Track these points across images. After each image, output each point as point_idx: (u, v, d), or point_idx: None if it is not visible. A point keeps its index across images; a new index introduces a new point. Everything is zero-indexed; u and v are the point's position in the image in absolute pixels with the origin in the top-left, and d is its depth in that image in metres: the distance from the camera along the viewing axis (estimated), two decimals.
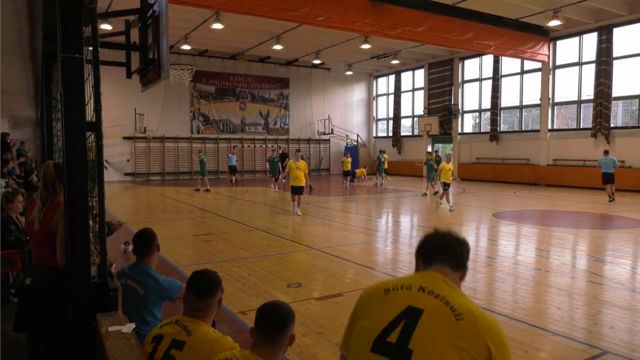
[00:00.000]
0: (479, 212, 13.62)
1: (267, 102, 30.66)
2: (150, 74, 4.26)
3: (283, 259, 7.59)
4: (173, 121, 27.39)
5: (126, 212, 13.56)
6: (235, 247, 8.51)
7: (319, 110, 32.24)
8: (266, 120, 30.67)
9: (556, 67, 22.80)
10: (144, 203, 16.56)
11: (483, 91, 26.45)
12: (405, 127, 32.76)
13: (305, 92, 31.77)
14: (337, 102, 33.27)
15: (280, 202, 16.15)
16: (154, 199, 18.04)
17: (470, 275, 6.70)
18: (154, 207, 15.20)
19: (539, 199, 17.10)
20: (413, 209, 14.96)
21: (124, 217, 12.08)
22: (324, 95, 32.48)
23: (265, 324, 2.17)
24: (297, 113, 31.69)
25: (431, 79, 29.06)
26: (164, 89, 26.31)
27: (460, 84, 27.57)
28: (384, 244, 9.21)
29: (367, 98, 34.53)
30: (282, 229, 10.61)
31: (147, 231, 3.46)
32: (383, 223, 12.19)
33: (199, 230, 10.53)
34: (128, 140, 26.30)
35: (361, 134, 33.69)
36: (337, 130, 32.22)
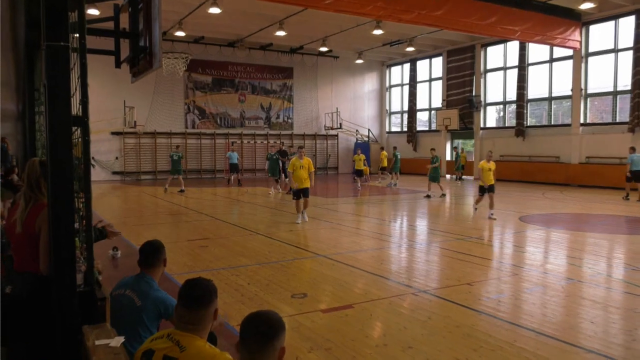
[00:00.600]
0: (503, 216, 13.55)
1: (269, 94, 30.72)
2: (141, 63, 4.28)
3: (287, 267, 7.59)
4: (166, 115, 27.51)
5: (114, 214, 13.64)
6: (234, 254, 8.53)
7: (326, 103, 32.25)
8: (268, 113, 30.73)
9: (589, 55, 22.64)
10: (134, 205, 16.63)
11: (508, 81, 26.32)
12: (422, 121, 32.66)
13: (310, 83, 31.80)
14: (346, 94, 33.25)
15: (284, 204, 16.16)
16: (144, 200, 18.11)
17: (494, 285, 6.67)
18: (144, 209, 15.26)
19: (570, 200, 16.99)
20: (430, 211, 14.90)
21: (112, 220, 12.14)
22: (331, 86, 32.49)
23: (251, 336, 2.14)
24: (301, 106, 31.72)
25: (450, 68, 28.96)
26: (155, 80, 26.43)
27: (483, 73, 27.45)
28: (398, 250, 9.19)
29: (379, 89, 34.49)
30: (286, 233, 10.63)
31: (155, 242, 3.50)
32: (397, 227, 12.16)
33: (194, 235, 10.56)
34: (116, 136, 26.44)
35: (373, 128, 33.67)
36: (346, 125, 32.22)
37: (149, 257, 3.43)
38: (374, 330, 5.10)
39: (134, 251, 8.52)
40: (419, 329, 5.05)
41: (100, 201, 16.71)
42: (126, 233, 10.46)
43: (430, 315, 5.45)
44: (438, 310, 5.60)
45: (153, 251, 3.45)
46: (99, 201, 16.52)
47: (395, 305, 5.82)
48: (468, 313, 5.52)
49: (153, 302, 3.22)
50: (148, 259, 3.43)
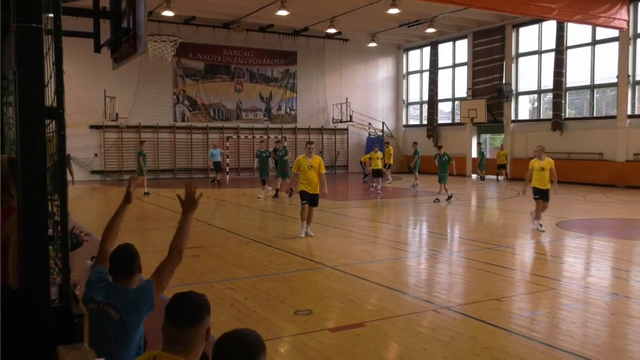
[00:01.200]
0: None
1: (270, 82, 30.78)
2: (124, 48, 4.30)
3: (289, 280, 7.60)
4: (152, 106, 27.63)
5: (93, 219, 13.70)
6: (229, 264, 8.54)
7: (335, 92, 32.27)
8: (268, 104, 30.80)
9: (638, 36, 22.49)
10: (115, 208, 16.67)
11: (543, 67, 26.21)
12: (444, 113, 32.60)
13: (317, 70, 31.83)
14: (358, 82, 33.26)
15: (286, 208, 16.16)
16: None
17: (527, 301, 6.64)
18: (128, 214, 15.26)
19: (615, 204, 16.88)
20: (453, 216, 14.85)
21: (90, 227, 12.20)
22: (340, 73, 32.50)
23: None
24: (306, 96, 31.76)
25: (476, 52, 28.89)
26: (140, 67, 26.54)
27: (514, 58, 27.35)
28: (417, 261, 9.17)
29: (395, 76, 34.47)
30: (288, 241, 10.64)
31: (127, 247, 3.48)
32: (415, 234, 12.13)
33: None
34: (96, 130, 26.59)
35: (388, 121, 33.66)
36: (358, 117, 32.22)
37: (122, 265, 3.42)
38: (389, 352, 5.09)
39: None
40: (441, 351, 5.04)
41: (77, 204, 16.79)
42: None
43: (454, 335, 5.43)
44: (463, 330, 5.58)
45: (126, 259, 3.45)
46: (76, 204, 16.61)
47: (414, 323, 5.81)
48: (497, 333, 5.49)
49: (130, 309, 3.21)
50: (121, 269, 3.41)
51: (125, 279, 3.41)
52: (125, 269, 3.41)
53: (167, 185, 24.37)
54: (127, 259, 3.44)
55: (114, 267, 3.42)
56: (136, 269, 3.47)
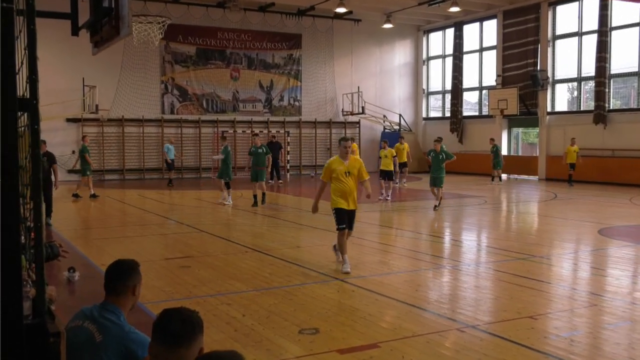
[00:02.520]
0: (577, 228, 13.43)
1: (271, 69, 30.85)
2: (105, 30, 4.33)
3: (293, 294, 7.61)
4: (137, 96, 27.76)
5: (70, 225, 13.77)
6: (225, 276, 8.57)
7: (345, 81, 32.29)
8: (269, 94, 30.87)
9: None
10: (96, 212, 16.76)
11: (584, 51, 26.11)
12: (470, 103, 32.54)
13: (324, 55, 31.87)
14: (371, 69, 33.27)
15: (289, 212, 16.17)
16: (109, 206, 18.24)
17: (565, 319, 6.62)
18: (109, 219, 15.38)
19: None
20: (481, 222, 14.81)
21: (68, 233, 12.27)
22: (351, 58, 32.53)
23: None
24: (313, 84, 31.81)
25: (508, 34, 28.82)
26: (123, 52, 26.66)
27: (551, 40, 27.26)
28: (439, 273, 9.16)
29: (413, 62, 34.46)
30: (292, 250, 10.65)
31: (123, 261, 3.50)
32: (437, 243, 12.12)
33: (174, 252, 10.61)
34: (73, 124, 26.75)
35: (405, 113, 33.66)
36: (371, 109, 32.23)
37: (117, 281, 3.45)
38: None
39: (95, 273, 8.60)
40: None
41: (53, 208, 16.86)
42: (86, 249, 10.56)
43: (481, 358, 5.42)
44: (491, 352, 5.57)
45: (122, 273, 3.46)
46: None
47: (435, 344, 5.80)
48: (531, 356, 5.48)
49: (118, 340, 3.23)
50: (115, 284, 3.44)
51: (115, 295, 3.42)
52: (115, 282, 3.43)
53: (153, 186, 24.45)
54: (119, 273, 3.45)
55: (105, 281, 3.44)
56: (128, 287, 3.47)
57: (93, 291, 7.49)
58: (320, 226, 13.16)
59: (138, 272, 3.54)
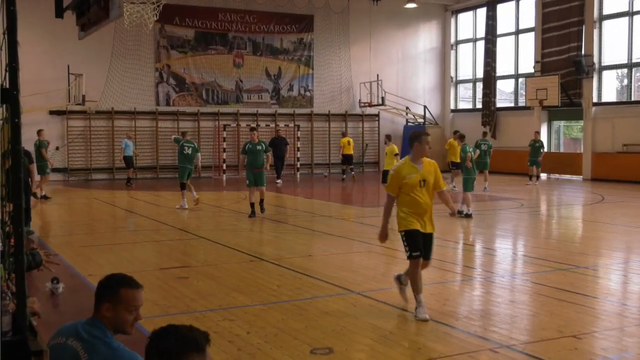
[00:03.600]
0: (628, 235, 13.30)
1: (279, 55, 30.86)
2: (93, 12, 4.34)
3: (304, 309, 7.60)
4: (128, 86, 27.87)
5: (53, 231, 13.84)
6: (228, 288, 8.57)
7: (362, 68, 32.24)
8: (276, 83, 30.89)
9: None
10: (83, 216, 16.82)
11: (635, 33, 25.89)
12: (505, 93, 32.37)
13: (339, 39, 31.84)
14: (392, 55, 33.19)
15: (299, 217, 16.14)
16: (97, 209, 18.30)
17: (614, 339, 6.56)
18: (97, 223, 15.44)
19: None
20: (517, 228, 14.73)
21: (52, 240, 12.33)
22: (369, 42, 32.47)
23: None
24: (326, 72, 31.79)
25: (547, 15, 28.64)
26: (114, 36, 26.77)
27: (597, 21, 27.08)
28: (469, 285, 9.12)
29: (440, 47, 34.32)
30: (303, 259, 10.63)
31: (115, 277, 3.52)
32: (467, 251, 12.07)
33: (169, 261, 10.63)
34: (57, 117, 26.89)
35: (431, 105, 33.56)
36: (392, 100, 32.15)
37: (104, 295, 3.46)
38: None
39: (81, 284, 8.63)
40: None
41: (35, 211, 16.96)
42: (71, 257, 10.60)
43: None
44: None
45: (110, 288, 3.47)
46: (33, 211, 16.78)
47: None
48: None
49: (105, 359, 3.24)
50: (97, 295, 3.45)
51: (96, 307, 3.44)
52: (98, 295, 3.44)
53: (148, 187, 24.55)
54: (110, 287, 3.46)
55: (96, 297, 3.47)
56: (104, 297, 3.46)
57: (79, 305, 7.52)
58: (336, 232, 13.14)
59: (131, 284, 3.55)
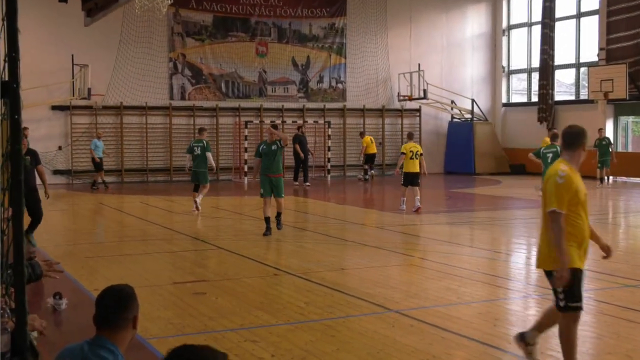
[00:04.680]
0: None
1: (307, 43, 30.90)
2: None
3: (335, 329, 7.59)
4: (139, 78, 28.11)
5: (55, 240, 13.98)
6: (249, 306, 8.58)
7: (401, 57, 32.17)
8: (304, 74, 30.93)
9: None
10: (88, 224, 16.96)
11: None
12: (564, 85, 32.05)
13: (375, 24, 31.79)
14: (435, 42, 33.05)
15: (330, 225, 16.13)
16: (104, 216, 18.45)
17: None
18: (105, 232, 15.56)
19: None
20: None
21: (53, 250, 12.47)
22: (409, 28, 32.36)
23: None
24: (360, 62, 31.76)
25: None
26: (122, 22, 27.03)
27: None
28: (523, 303, 9.04)
29: (490, 33, 34.09)
30: (334, 273, 10.61)
31: (122, 290, 3.55)
32: (521, 265, 11.96)
33: (184, 275, 10.67)
34: (60, 112, 27.21)
35: (480, 98, 33.34)
36: (435, 93, 32.00)
37: (112, 312, 3.48)
38: None
39: (86, 300, 8.70)
40: None
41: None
42: (75, 270, 10.69)
43: None
44: None
45: (117, 303, 3.50)
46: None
47: None
48: None
49: None
50: (109, 316, 3.48)
51: (110, 329, 3.46)
52: (113, 314, 3.46)
53: (159, 191, 24.71)
54: (117, 302, 3.49)
55: (97, 314, 3.48)
56: (128, 320, 3.51)
57: (84, 323, 7.57)
58: (371, 243, 13.10)
59: (137, 299, 3.58)
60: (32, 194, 12.12)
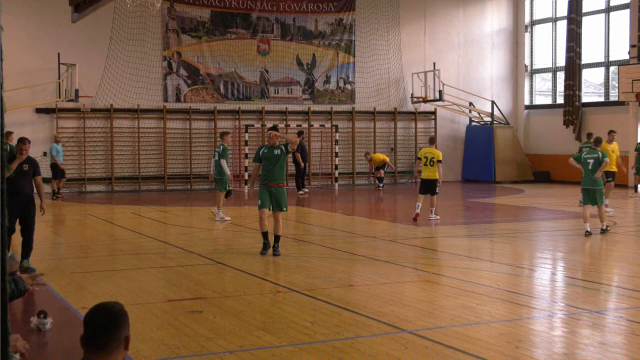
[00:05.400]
0: None
1: (312, 40, 30.95)
2: None
3: (343, 351, 7.58)
4: (130, 79, 28.18)
5: (40, 254, 13.98)
6: (250, 325, 8.57)
7: (415, 55, 32.21)
8: (310, 74, 30.96)
9: None
10: (75, 237, 16.96)
11: None
12: (592, 85, 32.00)
13: (387, 19, 31.85)
14: (452, 39, 33.09)
15: (337, 237, 16.11)
16: (93, 228, 18.45)
17: None
18: (93, 245, 15.56)
19: None
20: (607, 252, 14.51)
21: (35, 265, 12.48)
22: (424, 24, 32.41)
23: None
24: (370, 60, 31.78)
25: None
26: (113, 18, 27.09)
27: None
28: (548, 323, 9.01)
29: (511, 28, 34.09)
30: (342, 290, 10.61)
31: (112, 309, 3.55)
32: (545, 281, 11.94)
33: (180, 292, 10.67)
34: (46, 115, 27.29)
35: (500, 100, 33.33)
36: (452, 94, 32.00)
37: (101, 332, 3.49)
38: None
39: (73, 319, 8.70)
40: None
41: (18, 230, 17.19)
42: (62, 287, 10.70)
43: None
44: None
45: (107, 323, 3.50)
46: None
47: None
48: None
49: None
50: (98, 336, 3.48)
51: (101, 352, 3.46)
52: (104, 335, 3.47)
53: (153, 201, 24.72)
54: (108, 322, 3.49)
55: (86, 334, 3.49)
56: (120, 340, 3.52)
57: (70, 344, 7.58)
58: (382, 257, 13.08)
59: (128, 318, 3.58)
60: (28, 207, 11.87)
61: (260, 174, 13.82)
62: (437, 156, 18.18)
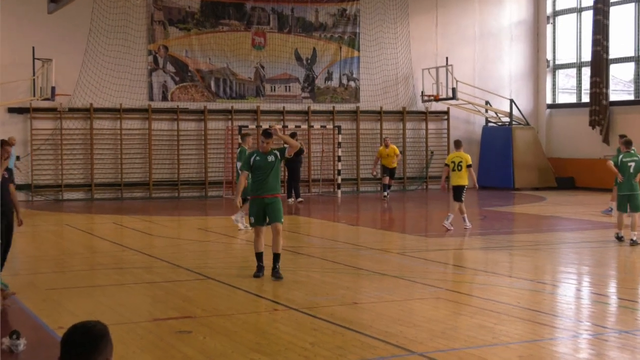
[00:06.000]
0: None
1: (313, 32, 31.00)
2: None
3: None
4: (112, 75, 28.20)
5: (13, 268, 13.99)
6: (244, 347, 8.58)
7: (426, 49, 32.26)
8: (310, 70, 30.98)
9: None
10: (50, 249, 16.94)
11: None
12: (621, 82, 32.02)
13: (394, 9, 31.89)
14: (467, 31, 33.15)
15: (340, 250, 16.11)
16: (71, 239, 18.43)
17: None
18: (70, 259, 15.56)
19: None
20: (634, 267, 14.51)
21: (7, 281, 12.47)
22: (435, 15, 32.47)
23: None
24: (377, 55, 31.83)
25: None
26: (92, 10, 27.15)
27: None
28: (572, 345, 9.01)
29: (532, 20, 34.15)
30: (346, 308, 10.61)
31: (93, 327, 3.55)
32: (568, 299, 11.94)
33: (166, 310, 10.66)
34: (19, 116, 27.34)
35: (519, 98, 33.35)
36: (467, 92, 32.04)
37: (80, 355, 3.49)
38: None
39: (49, 340, 8.70)
40: None
41: None
42: (36, 304, 10.70)
43: None
44: None
45: (87, 344, 3.51)
46: None
47: None
48: None
49: None
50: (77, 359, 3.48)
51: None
52: (79, 357, 3.48)
53: (137, 210, 24.72)
54: (87, 344, 3.49)
55: (63, 357, 3.49)
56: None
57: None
58: (390, 271, 13.10)
59: (110, 339, 3.58)
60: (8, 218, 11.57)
61: (251, 184, 13.44)
62: (465, 160, 18.56)
